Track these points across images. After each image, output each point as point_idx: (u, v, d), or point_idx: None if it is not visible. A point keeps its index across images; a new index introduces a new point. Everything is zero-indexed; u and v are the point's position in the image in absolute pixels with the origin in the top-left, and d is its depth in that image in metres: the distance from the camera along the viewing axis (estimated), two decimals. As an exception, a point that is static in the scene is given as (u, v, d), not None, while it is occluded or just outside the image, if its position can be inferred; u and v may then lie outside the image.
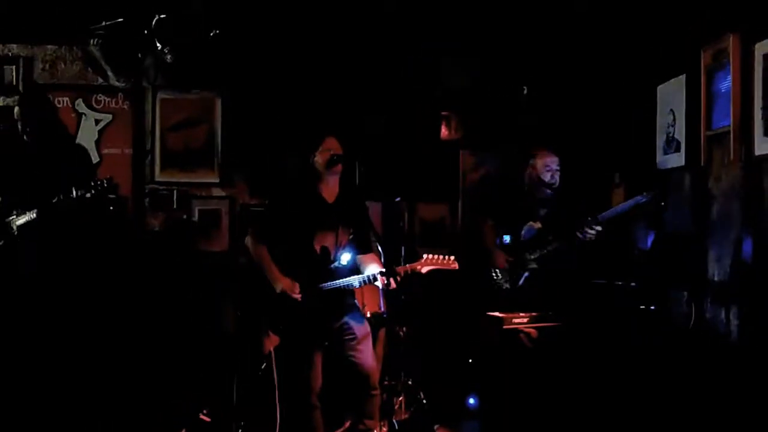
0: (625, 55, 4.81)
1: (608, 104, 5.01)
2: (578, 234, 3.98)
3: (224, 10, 4.70)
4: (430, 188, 5.19)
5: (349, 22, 4.83)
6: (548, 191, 4.22)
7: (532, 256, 4.15)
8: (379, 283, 3.52)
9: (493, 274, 4.20)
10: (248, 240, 3.73)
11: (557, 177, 4.21)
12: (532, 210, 4.23)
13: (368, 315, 4.02)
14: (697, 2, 4.10)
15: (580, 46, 4.91)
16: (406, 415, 4.16)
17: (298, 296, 3.56)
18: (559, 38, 4.89)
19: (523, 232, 4.18)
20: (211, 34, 4.72)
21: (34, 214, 3.65)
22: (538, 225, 4.17)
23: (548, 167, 4.21)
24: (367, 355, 3.61)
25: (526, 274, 4.14)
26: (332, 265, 3.64)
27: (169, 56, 4.72)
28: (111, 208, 4.41)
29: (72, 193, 3.58)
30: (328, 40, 4.94)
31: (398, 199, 4.73)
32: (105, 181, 3.63)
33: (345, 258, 3.66)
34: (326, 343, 3.69)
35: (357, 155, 4.62)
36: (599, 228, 3.98)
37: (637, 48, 4.71)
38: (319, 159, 3.70)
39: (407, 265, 3.56)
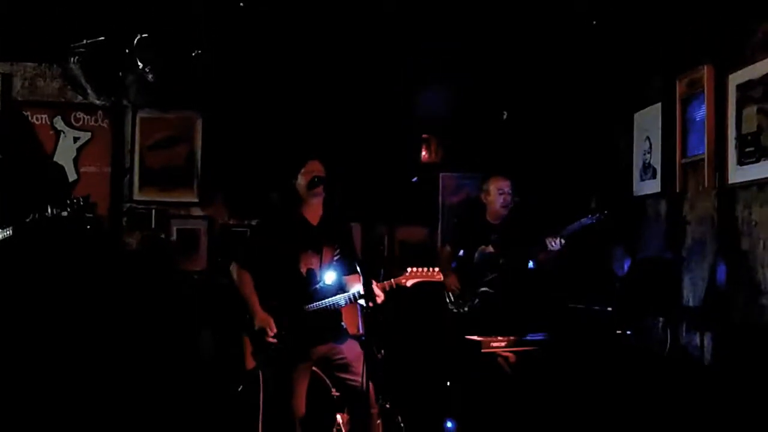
0: (604, 82, 4.89)
1: (587, 130, 5.08)
2: (540, 246, 4.01)
3: (206, 30, 4.71)
4: (410, 211, 5.20)
5: (332, 44, 4.86)
6: (502, 215, 4.27)
7: (484, 279, 4.19)
8: (363, 301, 3.48)
9: (447, 298, 4.29)
10: (232, 267, 3.70)
11: (510, 200, 4.27)
12: (486, 234, 4.29)
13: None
14: (672, 33, 4.20)
15: (560, 72, 4.98)
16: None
17: (272, 340, 3.51)
18: (540, 64, 4.96)
19: (476, 256, 4.25)
20: (193, 53, 4.72)
21: (9, 232, 3.60)
22: (489, 249, 4.23)
23: (501, 191, 4.27)
24: (361, 375, 3.57)
25: (477, 298, 4.20)
26: (317, 286, 3.63)
27: (150, 75, 4.71)
28: (88, 226, 4.37)
29: (47, 212, 3.54)
30: (310, 62, 4.96)
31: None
32: (81, 200, 3.58)
33: (329, 277, 3.63)
34: (313, 368, 3.66)
35: (337, 177, 4.63)
36: (562, 242, 4.00)
37: (615, 76, 4.80)
38: (301, 181, 3.69)
39: (392, 279, 3.54)
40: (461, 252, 4.35)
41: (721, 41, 3.80)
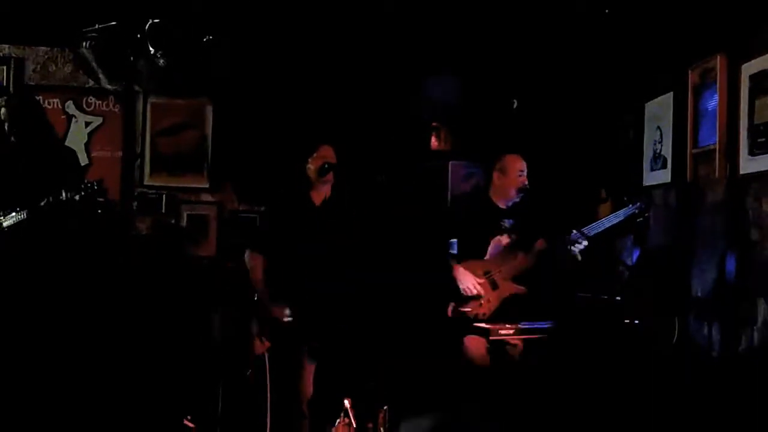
0: (615, 71, 4.87)
1: (597, 119, 5.07)
2: (570, 248, 3.81)
3: (218, 16, 4.72)
4: (419, 199, 5.20)
5: (342, 32, 4.86)
6: (517, 198, 4.01)
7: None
8: None
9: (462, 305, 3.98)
10: (246, 254, 3.74)
11: (527, 183, 4.00)
12: (495, 221, 4.01)
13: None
14: (685, 22, 4.17)
15: (571, 61, 4.96)
16: (389, 425, 4.15)
17: (287, 319, 3.53)
18: (550, 53, 4.94)
19: (490, 249, 3.98)
20: (204, 39, 4.73)
21: (24, 215, 3.63)
22: (506, 239, 3.98)
23: (520, 172, 4.01)
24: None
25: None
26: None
27: (161, 60, 4.71)
28: (99, 211, 4.39)
29: (62, 195, 3.57)
30: (320, 49, 4.96)
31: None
32: (95, 183, 3.62)
33: None
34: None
35: (347, 164, 4.64)
36: (586, 243, 3.86)
37: (626, 65, 4.77)
38: (311, 166, 3.73)
39: None
40: (452, 242, 4.03)
41: (734, 31, 3.78)
